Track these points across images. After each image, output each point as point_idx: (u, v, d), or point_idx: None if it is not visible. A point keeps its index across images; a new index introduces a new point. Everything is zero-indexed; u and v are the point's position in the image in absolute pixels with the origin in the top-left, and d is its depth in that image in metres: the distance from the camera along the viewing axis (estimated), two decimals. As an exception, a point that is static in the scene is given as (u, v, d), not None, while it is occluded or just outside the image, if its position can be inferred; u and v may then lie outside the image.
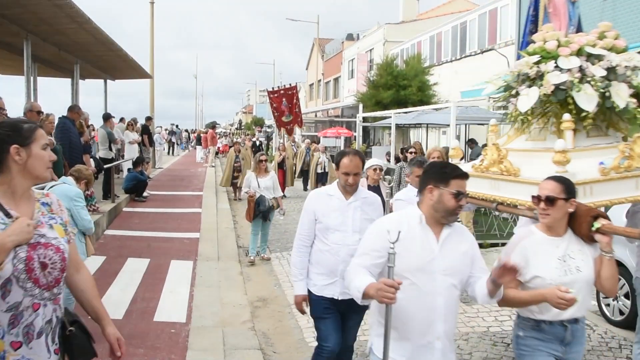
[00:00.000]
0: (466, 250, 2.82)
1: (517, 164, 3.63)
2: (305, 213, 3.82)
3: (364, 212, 3.70)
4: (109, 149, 12.88)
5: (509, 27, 17.97)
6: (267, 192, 8.54)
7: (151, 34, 22.53)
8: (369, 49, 32.93)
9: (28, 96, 11.13)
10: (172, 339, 5.35)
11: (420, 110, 14.08)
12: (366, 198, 3.78)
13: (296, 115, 17.43)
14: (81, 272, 2.53)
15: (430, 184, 2.72)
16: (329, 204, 3.71)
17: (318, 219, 3.72)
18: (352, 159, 3.63)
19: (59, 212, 2.39)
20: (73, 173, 5.53)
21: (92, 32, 11.30)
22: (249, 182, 8.65)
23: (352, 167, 3.62)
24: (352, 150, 3.74)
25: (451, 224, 2.77)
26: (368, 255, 2.77)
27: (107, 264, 7.93)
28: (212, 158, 25.65)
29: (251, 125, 58.49)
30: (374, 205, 3.80)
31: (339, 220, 3.66)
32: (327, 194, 3.77)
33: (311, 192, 3.86)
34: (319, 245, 3.75)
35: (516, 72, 3.88)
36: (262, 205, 8.44)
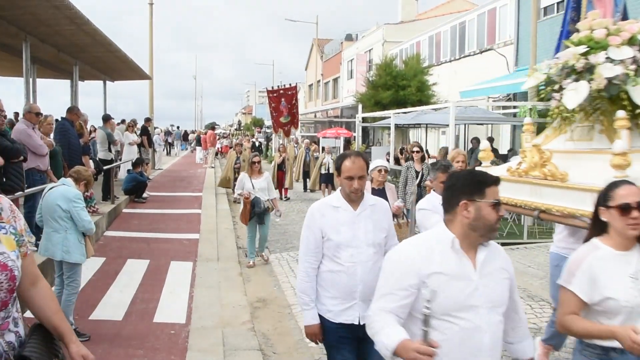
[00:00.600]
0: (505, 275, 2.40)
1: (562, 167, 3.24)
2: (309, 231, 3.30)
3: (375, 221, 3.28)
4: (108, 150, 12.88)
5: (508, 27, 17.97)
6: (261, 194, 8.38)
7: (150, 35, 22.53)
8: (368, 49, 32.93)
9: (27, 98, 11.13)
10: (172, 339, 5.35)
11: (419, 110, 14.08)
12: (374, 205, 3.34)
13: (293, 115, 17.27)
14: (38, 286, 2.19)
15: (464, 199, 2.29)
16: (336, 217, 3.24)
17: (326, 236, 3.23)
18: (355, 160, 3.21)
19: (11, 219, 2.03)
20: (72, 174, 5.53)
21: (91, 34, 11.30)
22: (242, 184, 8.48)
23: (355, 169, 3.19)
24: (353, 152, 3.34)
25: (486, 243, 2.36)
26: (393, 296, 2.31)
27: (107, 265, 7.93)
28: (212, 159, 25.64)
29: (250, 126, 58.46)
30: (383, 212, 3.40)
31: (350, 235, 3.20)
32: (332, 206, 3.29)
33: (312, 206, 3.35)
34: (329, 266, 3.26)
35: (560, 64, 3.47)
36: (257, 206, 8.29)
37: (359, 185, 3.18)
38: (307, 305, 3.31)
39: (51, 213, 5.12)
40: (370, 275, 3.09)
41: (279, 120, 17.26)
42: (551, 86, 3.53)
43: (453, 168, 4.45)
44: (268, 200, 8.44)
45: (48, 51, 12.48)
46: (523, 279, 7.75)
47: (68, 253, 5.10)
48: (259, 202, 8.30)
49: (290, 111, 17.09)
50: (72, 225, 5.14)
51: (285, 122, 17.26)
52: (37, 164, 7.31)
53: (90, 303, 6.23)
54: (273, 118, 17.47)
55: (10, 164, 6.36)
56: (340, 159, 3.29)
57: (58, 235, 5.11)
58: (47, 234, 5.19)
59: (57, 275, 5.29)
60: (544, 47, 14.74)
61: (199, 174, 21.66)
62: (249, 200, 8.27)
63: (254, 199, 8.29)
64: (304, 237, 3.33)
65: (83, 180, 5.48)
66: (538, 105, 11.84)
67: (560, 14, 14.50)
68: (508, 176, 3.58)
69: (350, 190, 3.20)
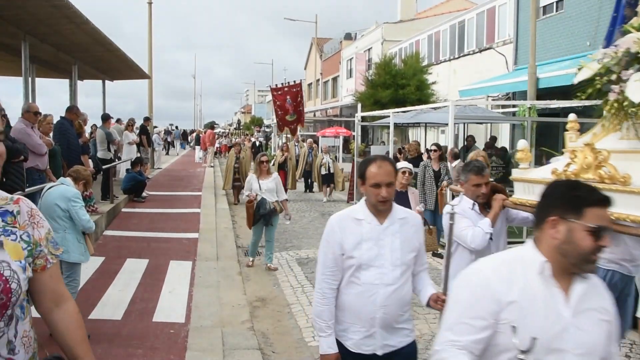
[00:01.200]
0: (605, 317, 1.93)
1: (621, 169, 2.92)
2: (327, 246, 2.88)
3: (405, 238, 2.84)
4: (107, 149, 12.88)
5: (507, 26, 17.97)
6: (269, 195, 8.06)
7: (149, 34, 22.52)
8: (367, 48, 32.93)
9: (26, 97, 11.13)
10: (171, 339, 5.35)
11: (418, 109, 14.06)
12: (405, 219, 2.88)
13: (300, 113, 16.81)
14: (63, 308, 1.91)
15: (554, 214, 1.88)
16: (359, 231, 2.81)
17: (347, 253, 2.79)
18: (381, 165, 2.79)
19: (28, 226, 1.81)
20: (71, 174, 5.53)
21: (90, 33, 11.29)
22: (250, 185, 8.20)
23: (382, 174, 2.76)
24: (379, 156, 2.92)
25: (586, 276, 1.92)
26: (467, 327, 1.88)
27: (106, 264, 7.93)
28: (211, 158, 25.63)
29: (250, 125, 58.46)
30: (415, 228, 2.94)
31: (374, 253, 2.77)
32: (354, 219, 2.85)
33: (331, 218, 2.94)
34: (348, 287, 2.85)
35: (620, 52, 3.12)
36: (262, 208, 7.96)
37: (387, 193, 2.76)
38: (323, 332, 2.86)
39: (50, 212, 5.12)
40: (394, 301, 2.77)
41: (285, 119, 16.65)
42: (608, 76, 3.16)
43: (487, 170, 4.11)
44: (276, 201, 8.12)
45: (47, 51, 12.47)
46: (522, 278, 7.76)
47: (67, 253, 5.10)
48: (264, 204, 7.97)
49: (296, 109, 16.56)
50: (71, 224, 5.15)
51: (291, 120, 16.69)
52: (36, 164, 7.31)
53: (90, 302, 6.23)
54: (278, 117, 16.83)
55: (11, 164, 6.36)
56: (364, 165, 2.87)
57: (57, 234, 5.07)
58: (46, 234, 5.18)
59: (57, 274, 5.29)
60: (543, 46, 14.75)
61: (198, 173, 21.66)
62: (252, 203, 7.98)
63: (260, 201, 7.98)
64: (322, 253, 2.92)
65: (82, 179, 5.49)
66: (537, 105, 11.87)
67: (560, 13, 14.54)
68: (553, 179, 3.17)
69: (377, 199, 2.76)
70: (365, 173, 2.82)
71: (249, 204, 8.00)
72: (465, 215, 3.96)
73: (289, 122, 16.63)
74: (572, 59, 13.35)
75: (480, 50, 19.86)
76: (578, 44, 13.65)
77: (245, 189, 8.48)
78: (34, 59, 12.82)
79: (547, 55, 14.68)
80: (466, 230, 3.88)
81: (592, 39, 13.10)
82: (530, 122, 11.09)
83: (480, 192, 3.98)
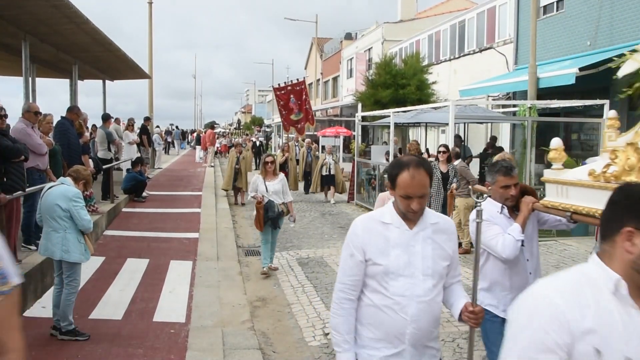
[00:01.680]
0: None
1: None
2: (348, 251, 2.59)
3: (437, 245, 2.55)
4: (107, 149, 12.88)
5: (508, 26, 17.95)
6: (276, 197, 7.84)
7: (149, 34, 22.54)
8: (367, 48, 32.90)
9: (27, 97, 11.14)
10: (172, 339, 5.35)
11: (419, 109, 14.07)
12: (437, 224, 2.59)
13: (307, 112, 16.18)
14: None
15: (630, 224, 1.58)
16: (386, 236, 2.52)
17: (371, 259, 2.51)
18: (415, 174, 2.43)
19: None
20: (71, 173, 5.53)
21: (90, 33, 11.29)
22: (256, 186, 7.96)
23: (416, 186, 2.42)
24: (413, 160, 2.50)
25: None
26: None
27: (107, 264, 7.93)
28: (211, 158, 25.65)
29: (250, 125, 58.46)
30: (448, 234, 2.62)
31: (403, 260, 2.48)
32: (381, 222, 2.56)
33: (357, 220, 2.64)
34: (373, 298, 2.54)
35: None
36: (271, 211, 7.74)
37: (419, 205, 2.45)
38: (339, 347, 2.56)
39: (50, 212, 5.12)
40: (426, 315, 2.49)
41: (290, 118, 16.10)
42: None
43: (516, 170, 3.78)
44: (283, 203, 7.94)
45: (47, 50, 12.47)
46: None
47: (67, 252, 5.10)
48: (273, 206, 7.77)
49: (302, 107, 16.00)
50: (71, 224, 5.15)
51: (296, 119, 16.12)
52: (36, 163, 7.31)
53: (90, 302, 6.23)
54: (283, 117, 16.27)
55: (11, 164, 6.36)
56: (395, 169, 2.52)
57: (57, 234, 5.11)
58: (47, 234, 5.19)
59: (57, 274, 5.30)
60: (544, 45, 14.74)
61: (199, 173, 21.67)
62: (262, 204, 7.74)
63: (267, 203, 7.76)
64: (342, 258, 2.64)
65: (82, 179, 5.48)
66: (538, 104, 11.87)
67: (560, 13, 14.53)
68: (591, 182, 3.00)
69: (407, 210, 2.48)
70: (396, 180, 2.48)
71: (259, 205, 7.74)
72: (493, 220, 3.61)
73: (295, 121, 16.13)
74: (572, 59, 13.34)
75: (481, 50, 19.85)
76: (578, 43, 13.64)
77: (251, 190, 8.23)
78: (34, 59, 12.82)
79: (547, 55, 14.67)
80: (496, 239, 3.52)
81: (592, 38, 13.09)
82: (530, 122, 11.10)
83: (509, 195, 3.64)
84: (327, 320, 6.03)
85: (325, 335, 5.65)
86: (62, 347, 5.01)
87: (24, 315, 5.78)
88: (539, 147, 12.03)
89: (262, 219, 7.73)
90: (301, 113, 16.08)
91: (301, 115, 16.13)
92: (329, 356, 5.16)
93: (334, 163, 15.90)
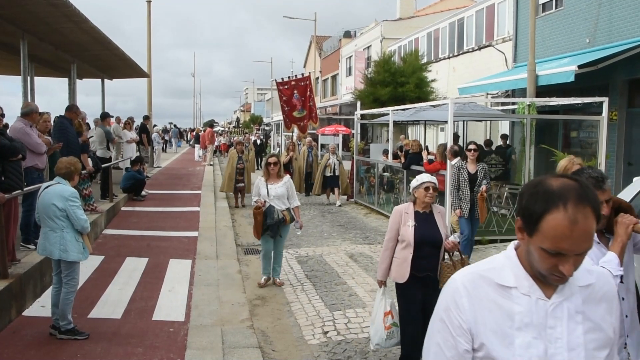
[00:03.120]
0: None
1: None
2: (442, 333, 1.63)
3: (591, 324, 1.58)
4: (106, 148, 12.88)
5: (507, 24, 17.94)
6: (279, 202, 7.16)
7: (148, 33, 22.51)
8: (366, 46, 32.89)
9: (25, 96, 11.12)
10: (171, 337, 5.35)
11: (417, 107, 14.06)
12: (590, 287, 1.62)
13: (310, 109, 15.46)
14: None
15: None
16: (508, 310, 1.56)
17: (483, 349, 1.57)
18: (579, 215, 1.45)
19: None
20: (60, 174, 5.38)
21: (89, 32, 11.28)
22: (258, 190, 7.30)
23: (577, 238, 1.45)
24: (574, 190, 1.47)
25: None
26: None
27: (106, 263, 7.93)
28: (211, 156, 25.64)
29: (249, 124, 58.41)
30: (607, 301, 1.64)
31: (537, 354, 1.53)
32: (498, 285, 1.59)
33: (457, 279, 1.64)
34: None
35: None
36: (270, 217, 7.05)
37: (573, 269, 1.49)
38: None
39: (47, 212, 5.11)
40: None
41: (292, 115, 15.26)
42: None
43: (609, 182, 2.89)
44: (287, 209, 7.23)
45: (46, 49, 12.46)
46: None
47: (65, 252, 5.09)
48: (272, 212, 7.07)
49: (305, 104, 15.23)
50: (68, 224, 5.13)
51: (299, 116, 15.35)
52: (35, 162, 7.30)
53: (89, 301, 6.23)
54: (285, 113, 15.43)
55: (9, 163, 6.35)
56: (540, 204, 1.49)
57: (55, 234, 5.10)
58: (45, 233, 5.18)
59: (55, 273, 5.29)
60: (543, 43, 14.73)
61: (198, 171, 21.67)
62: (261, 210, 7.07)
63: (267, 209, 7.10)
64: (433, 343, 1.66)
65: (71, 173, 5.33)
66: (537, 102, 11.87)
67: (559, 10, 14.52)
68: None
69: (550, 272, 1.51)
70: (539, 221, 1.48)
71: (257, 210, 7.08)
72: None
73: (297, 118, 15.36)
74: (571, 56, 13.33)
75: (480, 47, 19.84)
76: (577, 41, 13.64)
77: (254, 194, 7.48)
78: (32, 58, 12.80)
79: (546, 53, 14.67)
80: None
81: (591, 36, 13.08)
82: (529, 120, 11.10)
83: None
84: (327, 319, 6.04)
85: (324, 333, 5.66)
86: (61, 346, 5.01)
87: (23, 315, 5.78)
88: (538, 145, 12.03)
89: (261, 226, 7.09)
90: (304, 110, 15.40)
91: (304, 113, 15.47)
92: (329, 354, 5.16)
93: (339, 163, 14.86)
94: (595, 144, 10.91)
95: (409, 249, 4.44)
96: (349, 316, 6.12)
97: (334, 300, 6.69)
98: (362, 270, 8.02)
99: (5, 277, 5.68)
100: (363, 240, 10.19)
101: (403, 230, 4.50)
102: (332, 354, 5.16)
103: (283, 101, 15.47)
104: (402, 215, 4.55)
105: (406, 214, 4.55)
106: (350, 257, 8.83)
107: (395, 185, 13.53)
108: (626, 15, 12.00)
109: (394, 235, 4.58)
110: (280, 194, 7.16)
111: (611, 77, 12.27)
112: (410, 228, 4.45)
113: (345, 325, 5.87)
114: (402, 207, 4.68)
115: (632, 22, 11.81)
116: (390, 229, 4.62)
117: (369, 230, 11.12)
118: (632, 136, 12.27)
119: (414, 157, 11.91)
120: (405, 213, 4.57)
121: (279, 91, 15.61)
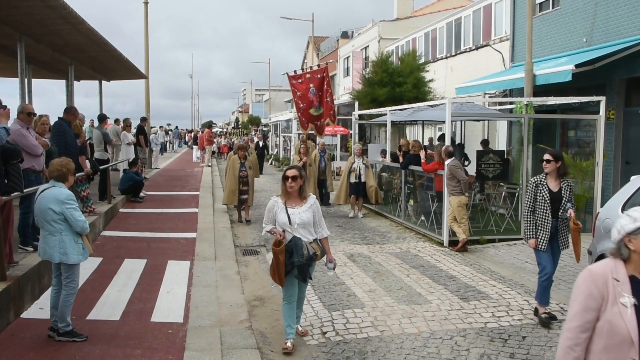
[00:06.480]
0: None
1: None
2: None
3: None
4: (104, 150, 12.87)
5: (504, 23, 17.96)
6: (304, 232, 5.20)
7: (145, 34, 22.50)
8: (364, 46, 32.91)
9: (22, 98, 11.12)
10: (169, 339, 5.35)
11: (415, 107, 14.08)
12: None
13: (327, 105, 13.01)
14: None
15: None
16: None
17: None
18: None
19: None
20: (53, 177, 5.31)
21: (86, 34, 11.28)
22: (273, 215, 5.24)
23: None
24: None
25: None
26: None
27: (104, 264, 7.92)
28: (209, 158, 25.63)
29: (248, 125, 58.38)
30: None
31: None
32: None
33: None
34: None
35: None
36: (298, 255, 5.03)
37: None
38: None
39: (44, 216, 5.09)
40: None
41: (309, 113, 12.89)
42: None
43: None
44: (315, 240, 5.29)
45: (43, 51, 12.46)
46: (520, 275, 7.78)
47: (65, 255, 5.08)
48: (300, 247, 5.07)
49: (322, 99, 12.81)
50: (66, 226, 5.12)
51: (317, 114, 12.91)
52: (32, 165, 7.29)
53: (88, 303, 6.22)
54: (300, 111, 13.15)
55: (10, 165, 6.35)
56: None
57: (54, 237, 5.08)
58: (44, 237, 5.16)
59: (55, 275, 5.28)
60: (540, 42, 14.76)
61: (196, 173, 21.65)
62: (283, 246, 5.06)
63: (291, 242, 5.13)
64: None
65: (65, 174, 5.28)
66: (534, 101, 11.89)
67: (556, 10, 14.53)
68: None
69: None
70: None
71: (277, 248, 5.04)
72: None
73: (315, 117, 12.99)
74: (568, 56, 13.35)
75: (477, 47, 19.86)
76: (574, 40, 13.65)
77: (265, 219, 5.35)
78: (30, 60, 12.81)
79: (543, 52, 14.68)
80: None
81: (588, 35, 13.10)
82: (527, 119, 11.11)
83: None
84: (325, 319, 6.04)
85: (323, 334, 5.65)
86: (60, 348, 5.00)
87: (21, 317, 5.78)
88: (535, 145, 12.05)
89: (284, 268, 5.07)
90: (321, 107, 13.02)
91: (321, 110, 13.05)
92: (327, 355, 5.16)
93: (365, 168, 12.73)
94: (593, 143, 10.93)
95: (625, 351, 2.37)
96: (348, 316, 6.12)
97: (333, 300, 6.69)
98: (360, 270, 8.02)
99: (4, 279, 5.67)
100: (361, 240, 10.19)
101: (611, 313, 2.41)
102: (330, 355, 5.16)
103: (298, 97, 13.12)
104: (606, 285, 2.45)
105: (615, 283, 2.44)
106: (348, 257, 8.83)
107: (393, 185, 13.53)
108: (623, 14, 12.02)
109: (591, 319, 2.46)
110: (307, 220, 5.19)
111: (608, 76, 12.29)
112: (629, 310, 2.38)
113: (344, 325, 5.87)
114: (601, 267, 2.52)
115: (629, 21, 11.83)
116: (583, 306, 2.47)
117: (367, 230, 11.11)
118: (630, 135, 12.29)
119: (413, 157, 11.92)
120: (614, 280, 2.45)
121: (292, 86, 13.31)
